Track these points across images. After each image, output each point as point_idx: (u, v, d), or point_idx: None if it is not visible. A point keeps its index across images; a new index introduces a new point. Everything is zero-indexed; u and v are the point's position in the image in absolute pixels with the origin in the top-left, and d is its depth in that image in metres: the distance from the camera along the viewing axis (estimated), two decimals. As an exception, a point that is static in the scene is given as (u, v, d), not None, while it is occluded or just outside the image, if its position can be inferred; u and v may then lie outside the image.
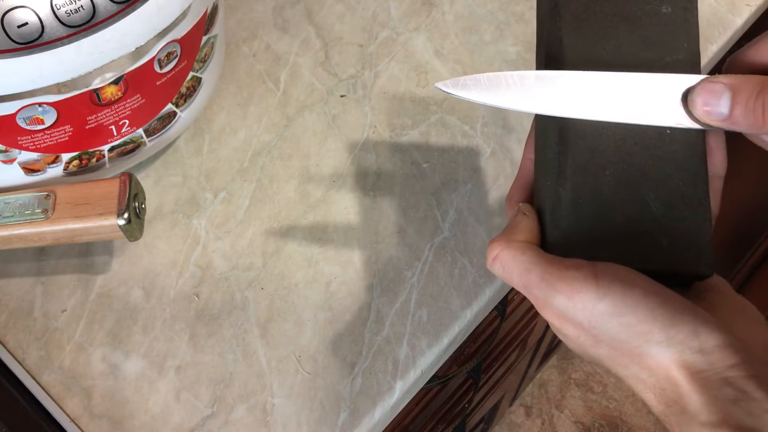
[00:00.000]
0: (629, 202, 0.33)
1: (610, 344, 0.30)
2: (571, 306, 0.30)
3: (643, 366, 0.30)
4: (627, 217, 0.33)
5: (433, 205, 0.54)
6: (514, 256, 0.32)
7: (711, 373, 0.28)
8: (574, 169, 0.34)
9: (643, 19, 0.36)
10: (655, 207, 0.33)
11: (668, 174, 0.33)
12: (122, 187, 0.44)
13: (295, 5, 0.65)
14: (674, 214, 0.33)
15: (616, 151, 0.34)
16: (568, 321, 0.31)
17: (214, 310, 0.49)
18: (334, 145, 0.57)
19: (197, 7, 0.45)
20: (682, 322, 0.29)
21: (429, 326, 0.49)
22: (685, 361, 0.29)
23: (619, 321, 0.29)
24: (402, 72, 0.61)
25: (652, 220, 0.33)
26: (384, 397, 0.47)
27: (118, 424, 0.45)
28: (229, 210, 0.54)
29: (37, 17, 0.38)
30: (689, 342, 0.28)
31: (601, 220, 0.33)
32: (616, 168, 0.34)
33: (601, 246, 0.33)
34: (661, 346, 0.29)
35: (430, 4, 0.66)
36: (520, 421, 1.45)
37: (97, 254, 0.51)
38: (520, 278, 0.32)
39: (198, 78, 0.50)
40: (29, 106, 0.42)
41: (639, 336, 0.29)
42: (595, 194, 0.34)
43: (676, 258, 0.33)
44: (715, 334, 0.28)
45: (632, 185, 0.33)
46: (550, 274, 0.30)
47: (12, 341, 0.48)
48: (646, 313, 0.29)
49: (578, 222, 0.33)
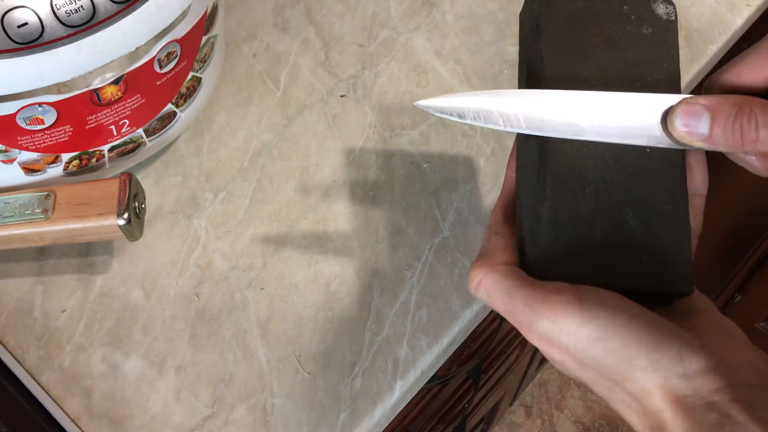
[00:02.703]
0: (608, 220, 0.33)
1: (595, 368, 0.30)
2: (556, 330, 0.30)
3: (627, 391, 0.30)
4: (606, 235, 0.33)
5: (433, 205, 0.54)
6: (497, 281, 0.32)
7: (695, 398, 0.28)
8: (554, 187, 0.34)
9: (623, 39, 0.36)
10: (635, 225, 0.33)
11: (648, 192, 0.34)
12: (122, 187, 0.44)
13: (295, 5, 0.65)
14: (653, 231, 0.33)
15: (595, 170, 0.34)
16: (553, 345, 0.30)
17: (214, 310, 0.49)
18: (334, 145, 0.57)
19: (197, 7, 0.45)
20: (666, 347, 0.29)
21: (429, 326, 0.49)
22: (670, 386, 0.29)
23: (605, 346, 0.29)
24: (402, 72, 0.61)
25: (632, 238, 0.33)
26: (384, 397, 0.47)
27: (118, 424, 0.45)
28: (229, 210, 0.54)
29: (37, 17, 0.38)
30: (674, 367, 0.28)
31: (580, 238, 0.33)
32: (595, 186, 0.34)
33: (580, 264, 0.33)
34: (645, 371, 0.29)
35: (430, 4, 0.66)
36: (520, 421, 1.45)
37: (97, 254, 0.51)
38: (504, 304, 0.32)
39: (198, 78, 0.50)
40: (29, 106, 0.42)
41: (624, 361, 0.29)
42: (574, 213, 0.34)
43: (656, 276, 0.33)
44: (699, 358, 0.29)
45: (612, 203, 0.33)
46: (533, 299, 0.30)
47: (12, 341, 0.48)
48: (630, 338, 0.29)
49: (557, 240, 0.33)
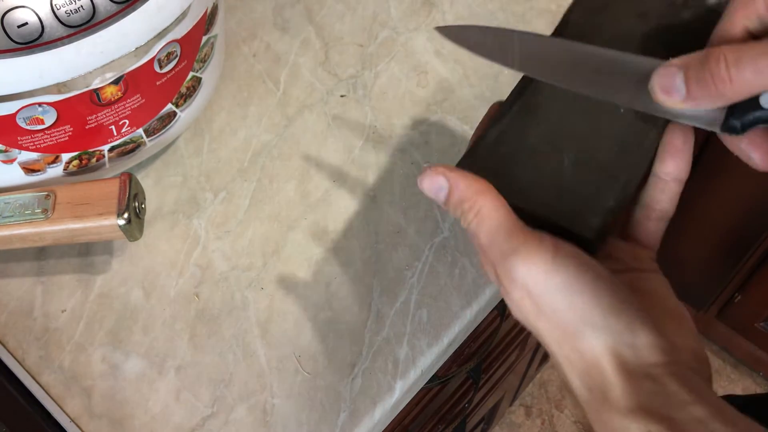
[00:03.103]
0: (547, 155, 0.35)
1: (551, 318, 0.31)
2: (525, 271, 0.31)
3: (575, 347, 0.31)
4: (536, 165, 0.35)
5: (433, 205, 0.54)
6: (495, 211, 0.33)
7: (636, 366, 0.30)
8: (517, 112, 0.36)
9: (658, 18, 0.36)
10: (569, 167, 0.35)
11: (598, 146, 0.35)
12: (122, 187, 0.44)
13: (295, 5, 0.65)
14: (583, 178, 0.34)
15: (561, 113, 0.36)
16: (518, 285, 0.32)
17: (214, 310, 0.49)
18: (334, 145, 0.57)
19: (197, 7, 0.45)
20: (622, 314, 0.30)
21: (429, 326, 0.49)
22: (616, 351, 0.30)
23: (566, 298, 0.30)
24: (402, 72, 0.61)
25: (559, 176, 0.35)
26: (384, 397, 0.47)
27: (118, 424, 0.45)
28: (229, 210, 0.54)
29: (37, 17, 0.38)
30: (624, 334, 0.30)
31: (512, 160, 0.35)
32: (552, 126, 0.36)
33: (500, 180, 0.34)
34: (597, 331, 0.30)
35: (430, 4, 0.66)
36: (520, 421, 1.45)
37: (97, 254, 0.51)
38: (488, 234, 0.32)
39: (198, 78, 0.50)
40: (29, 106, 0.42)
41: (580, 317, 0.30)
42: (518, 139, 0.36)
43: (565, 213, 0.34)
44: (648, 333, 0.30)
45: (558, 143, 0.35)
46: (515, 236, 0.32)
47: (12, 341, 0.48)
48: (592, 296, 0.30)
49: (490, 156, 0.36)
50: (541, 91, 0.36)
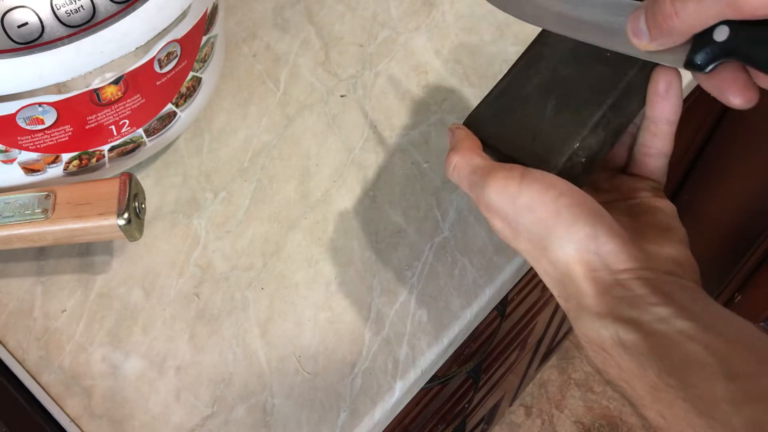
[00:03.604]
0: (536, 103, 0.38)
1: (527, 237, 0.34)
2: (497, 199, 0.34)
3: (550, 260, 0.33)
4: (525, 113, 0.38)
5: (433, 205, 0.54)
6: (467, 162, 0.37)
7: (605, 273, 0.32)
8: (520, 68, 0.39)
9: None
10: (549, 111, 0.37)
11: (578, 89, 0.37)
12: (122, 187, 0.44)
13: (295, 5, 0.65)
14: (557, 120, 0.36)
15: (556, 61, 0.38)
16: (496, 213, 0.35)
17: (214, 310, 0.49)
18: (334, 145, 0.57)
19: (197, 7, 0.45)
20: (583, 224, 0.32)
21: (429, 326, 0.49)
22: (583, 259, 0.32)
23: (532, 216, 0.33)
24: (402, 72, 0.61)
25: (539, 121, 0.37)
26: (384, 397, 0.47)
27: (118, 424, 0.45)
28: (229, 210, 0.54)
29: (37, 17, 0.38)
30: (587, 243, 0.32)
31: (508, 110, 0.38)
32: (544, 74, 0.38)
33: (494, 129, 0.39)
34: (562, 241, 0.33)
35: (430, 4, 0.66)
36: (520, 421, 1.45)
37: (97, 254, 0.51)
38: (467, 180, 0.36)
39: (198, 78, 0.50)
40: (29, 106, 0.42)
41: (544, 231, 0.33)
42: (517, 90, 0.39)
43: (534, 153, 0.36)
44: (613, 241, 0.32)
45: (547, 90, 0.37)
46: (487, 173, 0.35)
47: (12, 341, 0.48)
48: (553, 211, 0.33)
49: (491, 107, 0.39)
50: (547, 43, 0.39)
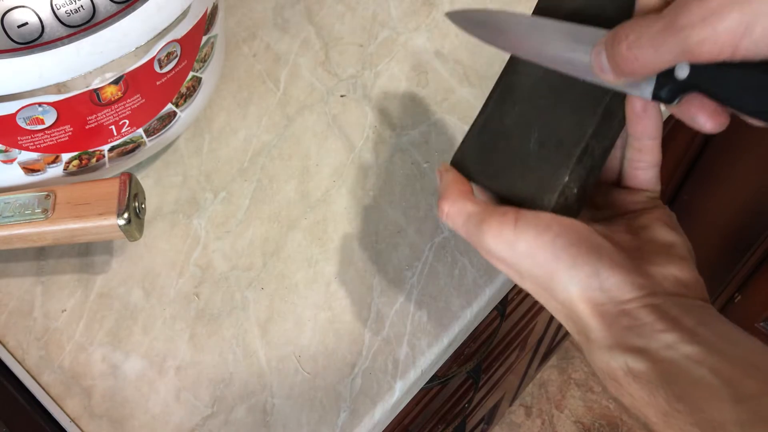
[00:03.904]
0: (518, 136, 0.37)
1: (531, 280, 0.34)
2: (496, 247, 0.35)
3: (556, 299, 0.34)
4: (509, 149, 0.37)
5: (433, 205, 0.54)
6: (459, 210, 0.37)
7: (610, 305, 0.32)
8: (495, 101, 0.39)
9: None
10: (533, 145, 0.37)
11: (558, 120, 0.36)
12: (122, 187, 0.44)
13: (295, 5, 0.65)
14: (543, 154, 0.36)
15: (531, 92, 0.37)
16: (497, 259, 0.35)
17: (214, 310, 0.49)
18: (334, 145, 0.57)
19: (197, 7, 0.45)
20: (583, 263, 0.33)
21: (429, 326, 0.49)
22: (588, 296, 0.33)
23: (533, 261, 0.34)
24: (402, 72, 0.61)
25: (526, 156, 0.37)
26: (384, 397, 0.47)
27: (118, 424, 0.45)
28: (229, 210, 0.54)
29: (37, 17, 0.38)
30: (590, 281, 0.33)
31: (492, 147, 0.38)
32: (523, 105, 0.37)
33: (482, 168, 0.38)
34: (565, 284, 0.33)
35: (430, 4, 0.66)
36: (520, 421, 1.45)
37: (97, 254, 0.51)
38: (464, 227, 0.36)
39: (198, 78, 0.50)
40: (29, 106, 0.42)
41: (547, 274, 0.33)
42: (497, 124, 0.38)
43: (528, 193, 0.36)
44: (615, 273, 0.32)
45: (528, 123, 0.37)
46: (481, 220, 0.35)
47: (12, 341, 0.48)
48: (551, 255, 0.33)
49: (475, 145, 0.39)
50: (518, 72, 0.38)
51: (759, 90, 0.28)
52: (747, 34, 0.26)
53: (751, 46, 0.26)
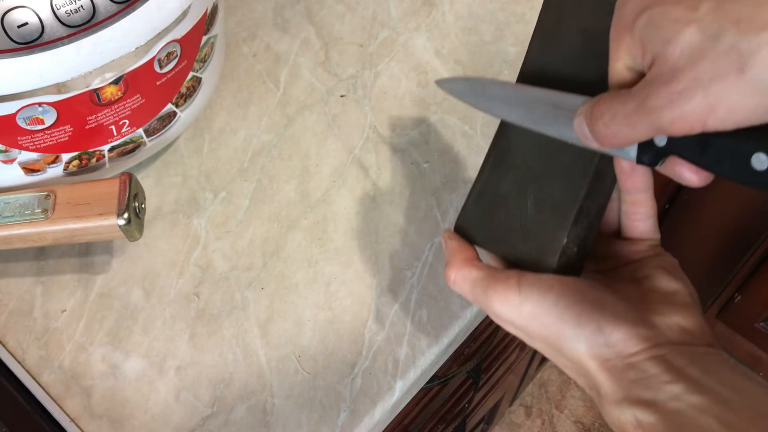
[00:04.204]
0: (516, 201, 0.38)
1: (539, 340, 0.35)
2: (503, 311, 0.36)
3: (567, 357, 0.35)
4: (509, 213, 0.39)
5: (433, 205, 0.54)
6: (464, 277, 0.38)
7: (617, 360, 0.33)
8: (491, 165, 0.40)
9: (597, 31, 0.37)
10: (530, 208, 0.38)
11: (552, 182, 0.37)
12: (122, 187, 0.44)
13: (295, 5, 0.65)
14: (540, 217, 0.37)
15: (523, 155, 0.39)
16: (505, 322, 0.36)
17: (214, 310, 0.49)
18: (334, 145, 0.57)
19: (197, 7, 0.45)
20: (587, 321, 0.33)
21: (429, 326, 0.49)
22: (594, 353, 0.33)
23: (539, 322, 0.34)
24: (402, 72, 0.61)
25: (525, 219, 0.38)
26: (384, 397, 0.47)
27: (118, 424, 0.45)
28: (229, 210, 0.54)
29: (37, 17, 0.38)
30: (595, 338, 0.33)
31: (491, 211, 0.39)
32: (517, 170, 0.39)
33: (487, 233, 0.39)
34: (572, 342, 0.34)
35: (430, 4, 0.66)
36: (520, 421, 1.45)
37: (97, 254, 0.51)
38: (470, 294, 0.38)
39: (198, 78, 0.50)
40: (29, 106, 0.42)
41: (554, 334, 0.34)
42: (496, 190, 0.39)
43: (527, 254, 0.37)
44: (620, 328, 0.33)
45: (523, 187, 0.38)
46: (487, 286, 0.36)
47: (12, 341, 0.48)
48: (556, 316, 0.34)
49: (475, 210, 0.40)
50: (509, 136, 0.39)
51: (734, 156, 0.29)
52: (712, 114, 0.27)
53: (719, 123, 0.27)
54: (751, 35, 0.25)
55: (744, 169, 0.29)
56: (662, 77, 0.28)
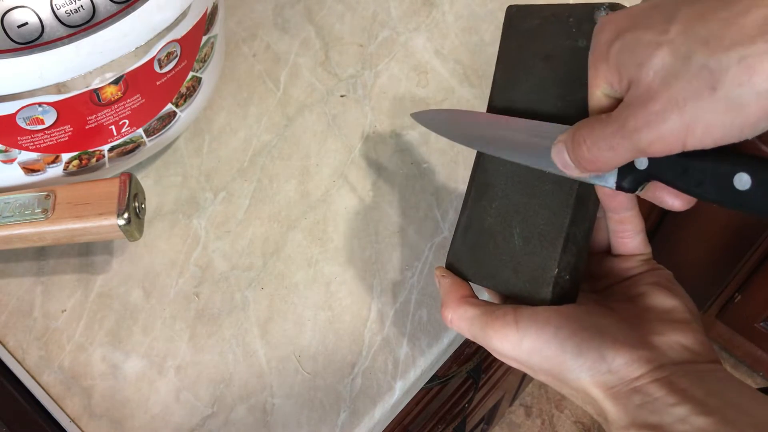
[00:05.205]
0: (501, 234, 0.38)
1: (543, 372, 0.35)
2: (503, 347, 0.36)
3: (571, 387, 0.35)
4: (497, 247, 0.38)
5: (433, 205, 0.54)
6: (461, 317, 0.38)
7: (621, 386, 0.33)
8: (473, 200, 0.40)
9: (560, 56, 0.37)
10: (518, 241, 0.38)
11: (535, 213, 0.37)
12: (122, 187, 0.44)
13: (295, 5, 0.65)
14: (529, 248, 0.37)
15: (504, 188, 0.39)
16: (508, 359, 0.36)
17: (214, 310, 0.49)
18: (334, 145, 0.57)
19: (197, 7, 0.45)
20: (587, 350, 0.34)
21: (429, 326, 0.49)
22: (599, 381, 0.34)
23: (540, 356, 0.34)
24: (402, 72, 0.61)
25: (513, 252, 0.38)
26: (384, 397, 0.47)
27: (118, 424, 0.45)
28: (229, 210, 0.54)
29: (37, 17, 0.38)
30: (597, 366, 0.33)
31: (480, 246, 0.39)
32: (499, 203, 0.39)
33: (477, 268, 0.39)
34: (575, 372, 0.34)
35: (430, 4, 0.66)
36: (520, 421, 1.45)
37: (97, 254, 0.51)
38: (469, 332, 0.38)
39: (198, 78, 0.50)
40: (29, 106, 0.42)
41: (557, 366, 0.34)
42: (479, 224, 0.39)
43: (520, 286, 0.37)
44: (621, 353, 0.33)
45: (507, 220, 0.38)
46: (484, 323, 0.36)
47: (12, 341, 0.48)
48: (557, 348, 0.34)
49: (464, 246, 0.40)
50: (487, 169, 0.39)
51: (716, 177, 0.29)
52: (690, 133, 0.27)
53: (697, 142, 0.27)
54: (720, 54, 0.26)
55: (726, 190, 0.29)
56: (639, 99, 0.29)
